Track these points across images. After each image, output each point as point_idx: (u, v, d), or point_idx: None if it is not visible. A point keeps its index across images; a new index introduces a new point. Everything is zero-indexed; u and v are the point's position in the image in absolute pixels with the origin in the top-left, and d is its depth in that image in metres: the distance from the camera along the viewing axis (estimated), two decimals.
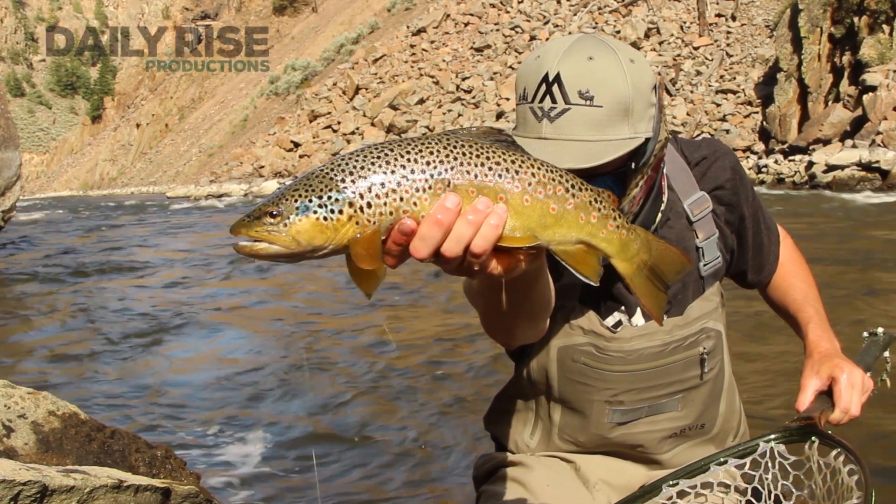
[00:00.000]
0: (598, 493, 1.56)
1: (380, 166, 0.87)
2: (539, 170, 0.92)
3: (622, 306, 1.48)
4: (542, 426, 1.60)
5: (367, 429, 3.78)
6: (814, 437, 1.32)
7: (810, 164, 17.80)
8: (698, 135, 21.79)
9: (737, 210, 1.56)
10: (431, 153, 0.88)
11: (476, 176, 0.89)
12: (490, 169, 0.89)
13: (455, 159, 0.88)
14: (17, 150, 10.53)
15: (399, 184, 0.87)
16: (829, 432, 1.32)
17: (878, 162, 16.28)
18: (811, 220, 11.14)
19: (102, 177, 76.43)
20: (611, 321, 1.48)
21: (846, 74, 19.24)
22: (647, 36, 28.63)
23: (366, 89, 33.60)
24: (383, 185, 0.86)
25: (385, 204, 0.86)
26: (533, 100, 1.28)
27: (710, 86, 25.18)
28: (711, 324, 1.53)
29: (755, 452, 1.34)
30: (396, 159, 0.87)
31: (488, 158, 0.90)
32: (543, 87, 1.27)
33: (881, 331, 1.64)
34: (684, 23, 28.99)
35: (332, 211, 0.85)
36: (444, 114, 29.28)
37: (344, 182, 0.86)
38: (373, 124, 30.66)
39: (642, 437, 1.55)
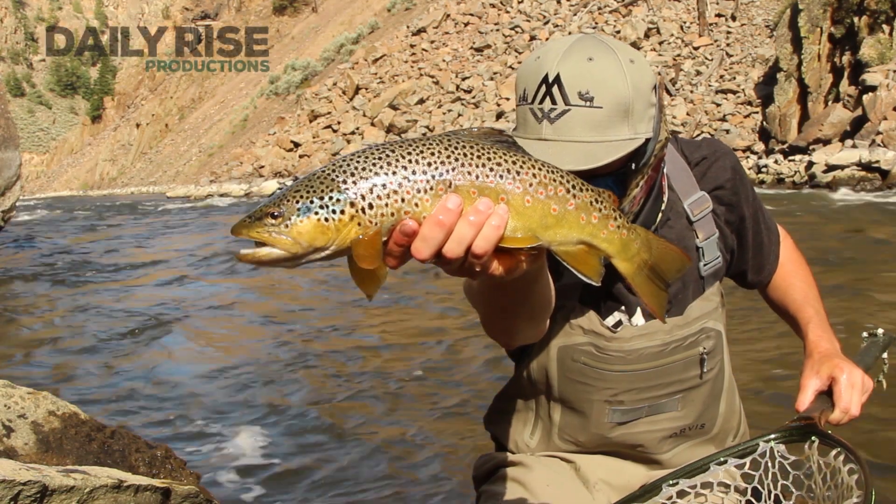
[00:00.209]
0: (598, 493, 1.56)
1: (381, 167, 0.87)
2: (540, 170, 0.92)
3: (622, 306, 1.48)
4: (542, 426, 1.60)
5: (367, 428, 3.78)
6: (814, 437, 1.32)
7: (810, 164, 17.79)
8: (698, 135, 21.78)
9: (737, 210, 1.56)
10: (433, 154, 0.88)
11: (477, 177, 0.89)
12: (491, 170, 0.89)
13: (456, 160, 0.88)
14: (17, 150, 10.54)
15: (401, 185, 0.86)
16: (829, 432, 1.32)
17: (878, 162, 16.27)
18: (811, 220, 11.14)
19: (102, 177, 76.40)
20: (611, 321, 1.48)
21: (846, 74, 19.22)
22: (647, 36, 28.61)
23: (366, 89, 33.59)
24: (385, 186, 0.86)
25: (387, 205, 0.86)
26: (533, 101, 1.28)
27: (710, 86, 25.16)
28: (711, 324, 1.53)
29: (755, 452, 1.34)
30: (398, 160, 0.87)
31: (489, 159, 0.89)
32: (543, 89, 1.26)
33: (881, 331, 1.64)
34: (684, 23, 28.98)
35: (334, 212, 0.85)
36: (444, 114, 29.26)
37: (346, 183, 0.86)
38: (373, 124, 30.64)
39: (642, 436, 1.55)
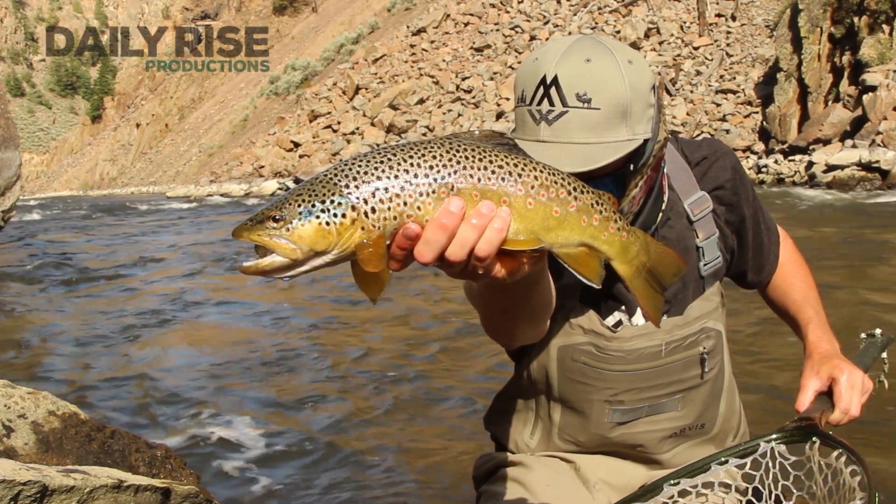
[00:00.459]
0: (598, 493, 1.57)
1: (384, 171, 0.86)
2: (541, 173, 0.92)
3: (622, 306, 1.48)
4: (542, 426, 1.61)
5: (367, 428, 3.78)
6: (815, 438, 1.32)
7: (810, 164, 17.80)
8: (698, 135, 21.79)
9: (737, 210, 1.56)
10: (435, 157, 0.88)
11: (479, 180, 0.89)
12: (493, 172, 0.89)
13: (458, 163, 0.88)
14: (17, 150, 10.53)
15: (403, 188, 0.86)
16: (831, 433, 1.32)
17: (878, 162, 16.28)
18: (811, 220, 11.14)
19: (102, 177, 76.38)
20: (611, 321, 1.48)
21: (846, 74, 19.23)
22: (647, 36, 28.62)
23: (366, 89, 33.59)
24: (387, 190, 0.86)
25: (389, 209, 0.86)
26: (531, 102, 1.28)
27: (710, 86, 25.17)
28: (711, 323, 1.53)
29: (756, 452, 1.34)
30: (400, 164, 0.87)
31: (491, 162, 0.89)
32: (541, 90, 1.26)
33: (879, 332, 1.64)
34: (684, 23, 28.98)
35: (336, 215, 0.85)
36: (444, 114, 29.26)
37: (348, 187, 0.86)
38: (373, 124, 30.64)
39: (642, 436, 1.55)
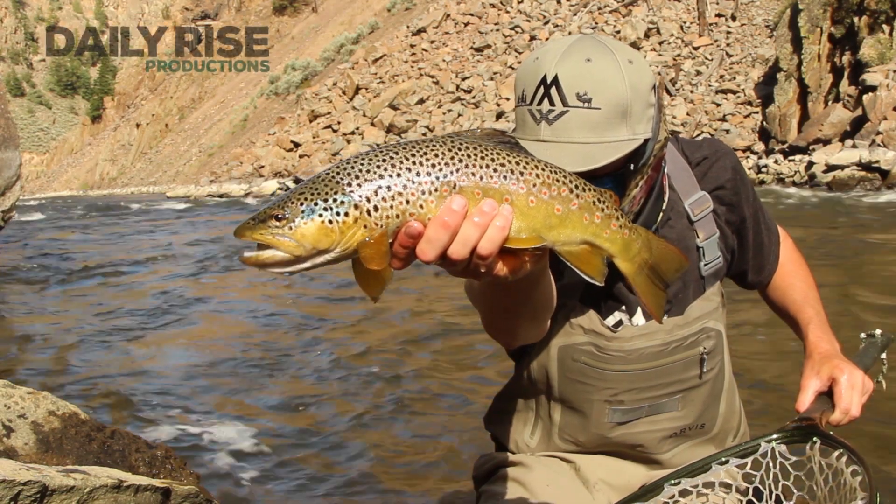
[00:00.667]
0: (598, 493, 1.57)
1: (386, 169, 0.87)
2: (543, 171, 0.92)
3: (623, 306, 1.48)
4: (543, 426, 1.60)
5: (367, 428, 3.78)
6: (815, 438, 1.32)
7: (810, 164, 17.80)
8: (698, 135, 21.78)
9: (737, 210, 1.56)
10: (436, 155, 0.88)
11: (481, 178, 0.89)
12: (495, 171, 0.89)
13: (460, 161, 0.88)
14: (17, 150, 10.50)
15: (405, 186, 0.87)
16: (831, 433, 1.32)
17: (878, 162, 16.28)
18: (811, 220, 11.14)
19: (102, 177, 76.39)
20: (611, 321, 1.48)
21: (846, 74, 19.23)
22: (647, 36, 28.62)
23: (366, 89, 33.58)
24: (389, 188, 0.86)
25: (391, 207, 0.86)
26: (531, 102, 1.28)
27: (710, 86, 25.17)
28: (712, 323, 1.53)
29: (756, 452, 1.34)
30: (402, 162, 0.87)
31: (493, 160, 0.90)
32: (541, 90, 1.26)
33: (879, 332, 1.64)
34: (684, 23, 28.98)
35: (338, 214, 0.85)
36: (444, 114, 29.26)
37: (350, 185, 0.86)
38: (373, 124, 30.64)
39: (642, 436, 1.55)
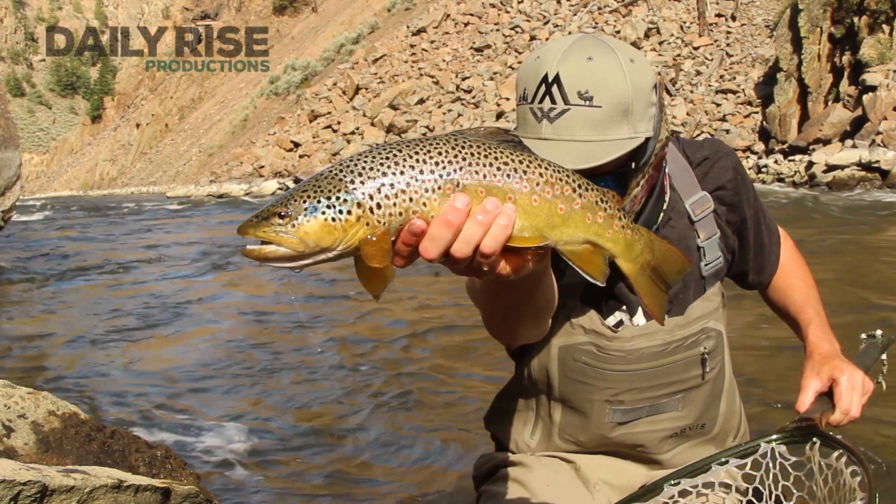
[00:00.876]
0: (598, 493, 1.56)
1: (389, 167, 0.87)
2: (546, 170, 0.92)
3: (623, 306, 1.48)
4: (543, 426, 1.60)
5: (367, 428, 3.78)
6: (815, 438, 1.32)
7: (810, 164, 17.79)
8: (698, 135, 21.78)
9: (738, 211, 1.56)
10: (440, 154, 0.88)
11: (485, 176, 0.89)
12: (498, 169, 0.89)
13: (464, 160, 0.89)
14: (17, 150, 10.50)
15: (408, 184, 0.87)
16: (831, 433, 1.32)
17: (878, 162, 16.27)
18: (811, 220, 11.14)
19: (102, 177, 76.36)
20: (612, 321, 1.48)
21: (846, 74, 19.22)
22: (647, 36, 28.61)
23: (366, 89, 33.58)
24: (393, 186, 0.86)
25: (395, 205, 0.86)
26: (533, 100, 1.28)
27: (710, 86, 25.16)
28: (712, 324, 1.53)
29: (756, 453, 1.34)
30: (405, 160, 0.87)
31: (496, 159, 0.90)
32: (543, 88, 1.26)
33: (879, 333, 1.64)
34: (684, 23, 28.98)
35: (341, 212, 0.85)
36: (444, 114, 29.25)
37: (353, 183, 0.86)
38: (373, 124, 30.64)
39: (643, 436, 1.55)
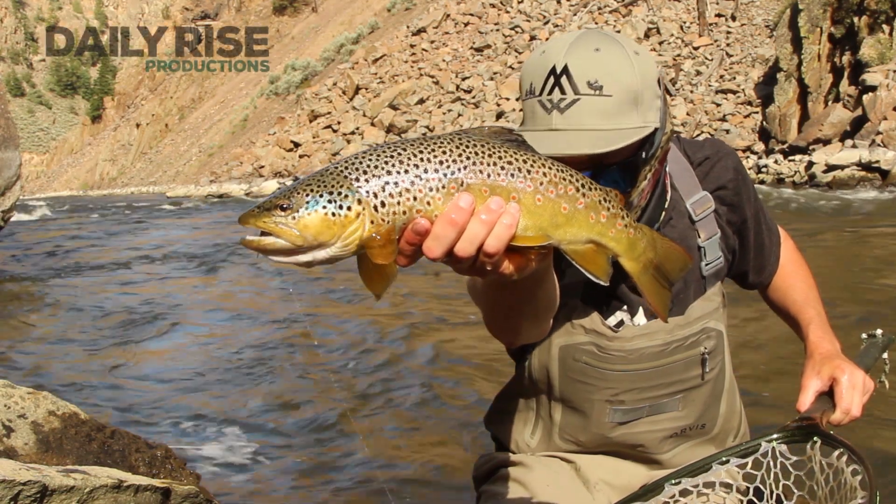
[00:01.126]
0: (598, 493, 1.56)
1: (393, 165, 0.87)
2: (550, 169, 0.92)
3: (624, 305, 1.48)
4: (543, 426, 1.60)
5: (367, 429, 3.78)
6: (816, 438, 1.32)
7: (810, 164, 17.78)
8: (698, 135, 21.78)
9: (739, 211, 1.56)
10: (444, 153, 0.88)
11: (489, 175, 0.89)
12: (502, 168, 0.89)
13: (468, 159, 0.89)
14: (17, 150, 10.49)
15: (413, 183, 0.87)
16: (832, 433, 1.32)
17: (878, 162, 16.27)
18: (810, 220, 11.14)
19: (102, 177, 76.37)
20: (613, 320, 1.48)
21: (846, 74, 19.21)
22: (647, 36, 28.61)
23: (366, 89, 33.58)
24: (397, 185, 0.86)
25: (399, 203, 0.86)
26: (541, 93, 1.28)
27: (710, 86, 25.15)
28: (713, 324, 1.53)
29: (757, 452, 1.34)
30: (410, 158, 0.87)
31: (500, 158, 0.90)
32: (552, 80, 1.27)
33: (880, 332, 1.64)
34: (684, 23, 28.97)
35: (342, 207, 0.86)
36: (444, 114, 29.24)
37: (357, 180, 0.86)
38: (373, 124, 30.63)
39: (643, 436, 1.55)
